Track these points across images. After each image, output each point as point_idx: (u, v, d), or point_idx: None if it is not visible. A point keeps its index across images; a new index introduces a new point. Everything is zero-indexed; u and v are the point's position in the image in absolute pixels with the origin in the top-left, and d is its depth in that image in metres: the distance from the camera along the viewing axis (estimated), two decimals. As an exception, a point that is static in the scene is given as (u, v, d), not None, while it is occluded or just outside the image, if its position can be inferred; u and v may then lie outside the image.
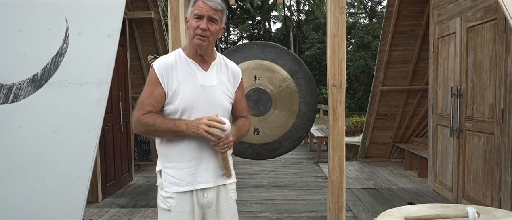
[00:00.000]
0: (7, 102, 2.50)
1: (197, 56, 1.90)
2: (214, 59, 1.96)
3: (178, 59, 1.89)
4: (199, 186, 1.88)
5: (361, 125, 14.04)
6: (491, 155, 3.97)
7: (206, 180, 1.89)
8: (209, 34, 1.83)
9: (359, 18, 30.46)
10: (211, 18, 1.82)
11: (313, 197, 5.08)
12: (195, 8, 1.83)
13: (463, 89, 4.44)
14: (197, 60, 1.90)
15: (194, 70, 1.88)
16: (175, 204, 1.86)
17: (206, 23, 1.81)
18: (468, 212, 1.77)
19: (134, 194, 5.35)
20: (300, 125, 3.06)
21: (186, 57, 1.90)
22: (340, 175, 2.79)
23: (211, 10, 1.81)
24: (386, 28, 6.34)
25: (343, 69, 2.78)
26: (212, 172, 1.90)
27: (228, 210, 1.97)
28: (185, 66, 1.88)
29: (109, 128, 5.19)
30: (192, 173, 1.86)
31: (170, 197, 1.87)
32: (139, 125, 1.84)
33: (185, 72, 1.87)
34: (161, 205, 1.91)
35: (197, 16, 1.82)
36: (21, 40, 2.65)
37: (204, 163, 1.88)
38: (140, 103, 1.85)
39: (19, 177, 2.42)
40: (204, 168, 1.88)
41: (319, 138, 8.14)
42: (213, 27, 1.84)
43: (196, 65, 1.89)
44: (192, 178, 1.86)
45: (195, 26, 1.82)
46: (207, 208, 1.91)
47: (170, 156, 1.88)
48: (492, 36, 3.91)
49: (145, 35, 6.79)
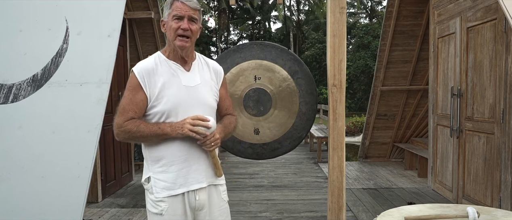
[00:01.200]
0: (7, 102, 2.50)
1: (177, 58, 1.89)
2: (194, 59, 1.96)
3: (158, 62, 1.87)
4: (192, 187, 1.86)
5: (361, 125, 14.05)
6: (491, 155, 3.97)
7: (198, 181, 1.87)
8: (191, 34, 1.84)
9: (359, 18, 30.47)
10: (191, 18, 1.83)
11: (313, 197, 5.08)
12: (173, 9, 1.83)
13: (463, 89, 4.44)
14: (178, 62, 1.89)
15: (176, 71, 1.87)
16: (166, 207, 1.83)
17: (187, 23, 1.82)
18: (468, 212, 1.76)
19: (134, 194, 5.35)
20: (300, 125, 3.06)
21: (166, 59, 1.89)
22: (340, 175, 2.79)
23: (191, 10, 1.82)
24: (386, 28, 6.34)
25: (343, 69, 2.78)
26: (204, 172, 1.89)
27: (220, 212, 1.96)
28: (166, 69, 1.86)
29: (109, 128, 5.15)
30: (184, 175, 1.85)
31: (161, 200, 1.84)
32: (121, 132, 1.82)
33: (168, 74, 1.85)
34: (152, 209, 1.87)
35: (177, 17, 1.82)
36: (21, 40, 2.64)
37: (195, 163, 1.87)
38: (121, 109, 1.82)
39: (19, 177, 2.42)
40: (195, 169, 1.87)
41: (319, 138, 8.14)
42: (194, 27, 1.84)
43: (178, 66, 1.89)
44: (184, 180, 1.85)
45: (175, 27, 1.81)
46: (198, 211, 1.89)
47: (159, 160, 1.85)
48: (492, 36, 3.91)
49: (145, 35, 6.79)
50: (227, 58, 3.02)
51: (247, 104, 3.01)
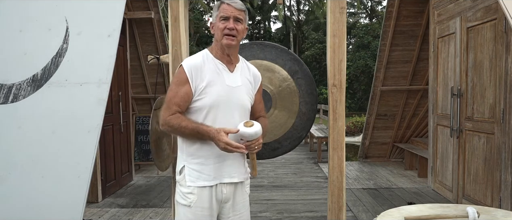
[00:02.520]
0: (7, 102, 2.50)
1: (224, 57, 2.01)
2: (239, 62, 2.08)
3: (206, 59, 1.99)
4: (224, 180, 1.98)
5: (361, 125, 14.04)
6: (491, 155, 3.97)
7: (230, 175, 1.99)
8: (237, 33, 1.95)
9: (359, 18, 30.45)
10: (237, 18, 1.95)
11: (313, 197, 5.08)
12: (220, 11, 1.96)
13: (463, 89, 4.44)
14: (224, 61, 2.01)
15: (221, 70, 1.99)
16: (195, 200, 1.94)
17: (233, 23, 1.94)
18: (468, 212, 1.77)
19: (134, 194, 5.35)
20: (300, 125, 3.06)
21: (213, 57, 2.01)
22: (340, 175, 2.78)
23: (236, 10, 1.95)
24: (386, 28, 6.34)
25: (343, 69, 2.78)
26: (237, 168, 2.01)
27: (242, 204, 2.08)
28: (212, 66, 1.98)
29: (109, 128, 5.19)
30: (218, 167, 1.96)
31: (190, 192, 1.95)
32: (166, 126, 1.94)
33: (213, 72, 1.97)
34: (181, 201, 1.98)
35: (223, 18, 1.94)
36: (21, 40, 2.64)
37: (230, 159, 1.98)
38: (167, 103, 1.95)
39: (19, 177, 2.42)
40: (229, 164, 1.98)
41: (319, 138, 8.14)
42: (239, 27, 1.96)
43: (223, 65, 2.00)
44: (218, 173, 1.96)
45: (222, 27, 1.94)
46: (224, 203, 2.01)
47: (195, 152, 1.96)
48: (492, 36, 3.91)
49: (145, 35, 6.79)
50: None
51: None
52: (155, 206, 4.73)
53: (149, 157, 6.67)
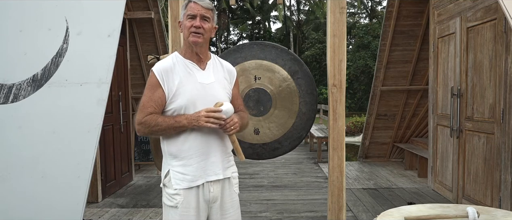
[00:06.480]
0: (7, 102, 2.50)
1: (193, 56, 2.01)
2: (209, 59, 2.07)
3: (176, 61, 1.99)
4: (209, 178, 1.97)
5: (361, 125, 14.04)
6: (491, 155, 3.97)
7: (215, 173, 1.98)
8: (203, 31, 1.95)
9: (359, 18, 30.46)
10: (203, 17, 1.95)
11: (313, 197, 5.08)
12: (187, 9, 1.96)
13: (463, 89, 4.44)
14: (194, 60, 2.01)
15: (192, 69, 1.99)
16: (181, 200, 1.93)
17: (200, 21, 1.94)
18: (468, 212, 1.77)
19: (134, 194, 5.35)
20: (300, 125, 3.06)
21: (183, 58, 2.01)
22: (340, 175, 2.79)
23: (203, 9, 1.95)
24: (386, 28, 6.34)
25: (343, 69, 2.78)
26: (220, 164, 2.00)
27: (230, 203, 2.06)
28: (183, 67, 1.98)
29: (109, 128, 5.19)
30: (202, 167, 1.95)
31: (176, 194, 1.94)
32: (141, 127, 1.93)
33: (184, 72, 1.97)
34: (167, 202, 1.98)
35: (190, 16, 1.94)
36: (21, 40, 2.64)
37: (212, 156, 1.98)
38: (141, 106, 1.94)
39: (19, 177, 2.42)
40: (212, 161, 1.98)
41: (319, 138, 8.14)
42: (206, 25, 1.96)
43: (194, 64, 2.01)
44: (202, 172, 1.95)
45: (189, 25, 1.94)
46: (212, 203, 2.00)
47: (178, 153, 1.95)
48: (492, 36, 3.91)
49: (145, 35, 6.80)
50: (227, 58, 3.02)
51: (247, 105, 3.01)
52: (155, 206, 4.73)
53: (149, 157, 6.67)
